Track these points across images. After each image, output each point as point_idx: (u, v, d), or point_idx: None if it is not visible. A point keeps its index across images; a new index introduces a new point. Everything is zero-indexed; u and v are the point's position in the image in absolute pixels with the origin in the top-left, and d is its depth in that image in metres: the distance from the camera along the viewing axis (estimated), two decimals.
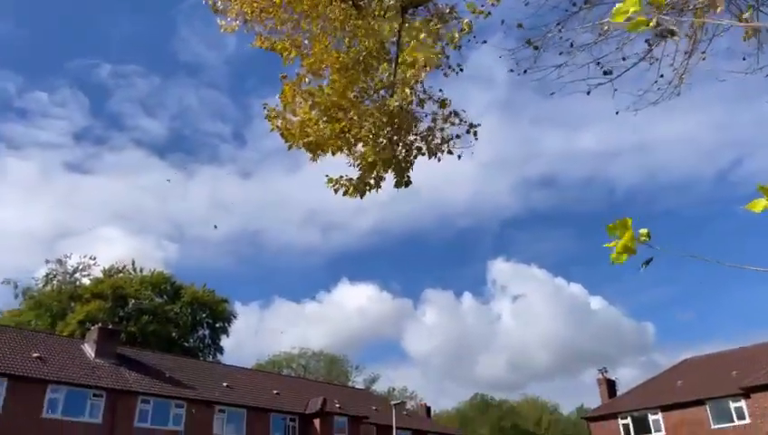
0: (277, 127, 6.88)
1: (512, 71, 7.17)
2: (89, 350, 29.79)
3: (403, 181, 6.47)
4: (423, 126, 6.12)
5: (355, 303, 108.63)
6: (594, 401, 42.75)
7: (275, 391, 34.91)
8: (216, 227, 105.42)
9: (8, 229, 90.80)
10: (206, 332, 56.14)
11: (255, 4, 6.81)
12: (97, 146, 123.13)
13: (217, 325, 56.52)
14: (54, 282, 51.05)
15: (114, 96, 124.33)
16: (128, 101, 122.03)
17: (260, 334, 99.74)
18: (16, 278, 53.07)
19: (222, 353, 56.13)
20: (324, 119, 6.69)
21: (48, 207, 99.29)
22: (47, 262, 52.77)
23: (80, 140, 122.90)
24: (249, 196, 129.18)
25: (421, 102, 6.03)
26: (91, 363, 28.50)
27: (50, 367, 26.27)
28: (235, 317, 58.08)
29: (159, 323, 49.85)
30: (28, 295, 50.54)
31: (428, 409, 46.47)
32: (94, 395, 26.22)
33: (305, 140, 6.14)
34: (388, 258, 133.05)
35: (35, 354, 26.85)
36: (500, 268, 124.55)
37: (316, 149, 6.22)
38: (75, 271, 51.87)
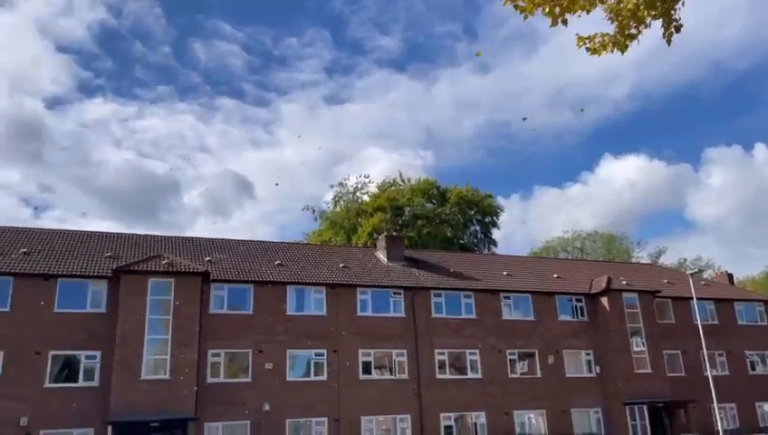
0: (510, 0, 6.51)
1: None
2: (381, 256, 33.61)
3: (671, 25, 5.63)
4: None
5: (623, 177, 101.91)
6: None
7: (555, 275, 35.25)
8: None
9: (291, 163, 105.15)
10: (477, 227, 58.68)
11: None
12: (346, 76, 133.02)
13: (486, 220, 58.58)
14: (341, 202, 58.04)
15: (351, 23, 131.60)
16: (362, 25, 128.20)
17: (527, 224, 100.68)
18: (313, 204, 61.89)
19: (496, 246, 58.38)
20: None
21: (319, 139, 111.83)
22: (331, 186, 60.25)
23: (331, 73, 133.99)
24: (491, 88, 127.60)
25: None
26: (386, 267, 32.16)
27: (355, 273, 30.41)
28: (501, 210, 59.44)
29: (433, 225, 53.59)
30: (324, 217, 58.50)
31: (730, 276, 42.28)
32: (394, 293, 29.70)
33: (550, 3, 5.70)
34: (653, 124, 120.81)
35: (341, 265, 31.24)
36: None
37: (562, 10, 5.74)
38: (355, 190, 58.14)
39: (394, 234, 37.04)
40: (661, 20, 5.65)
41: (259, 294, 27.32)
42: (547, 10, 5.70)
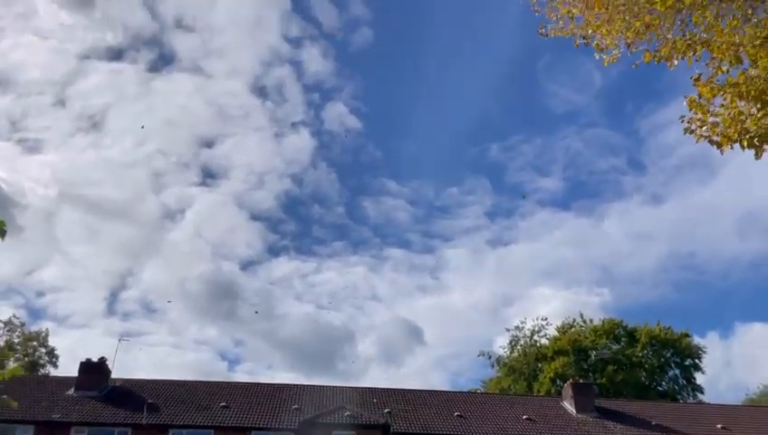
0: (703, 136, 6.21)
1: None
2: (568, 406, 30.90)
3: None
4: None
5: None
6: None
7: None
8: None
9: (460, 308, 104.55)
10: (677, 371, 52.19)
11: (638, 22, 6.51)
12: (509, 218, 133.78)
13: (686, 363, 52.06)
14: (518, 347, 55.59)
15: (509, 169, 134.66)
16: (521, 170, 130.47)
17: (732, 366, 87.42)
18: (489, 350, 60.13)
19: (702, 393, 51.07)
20: (758, 105, 5.75)
21: (485, 281, 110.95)
22: (507, 330, 58.25)
23: (493, 217, 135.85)
24: (668, 218, 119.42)
25: None
26: (576, 419, 29.38)
27: (541, 428, 28.11)
28: (704, 351, 52.68)
29: (625, 370, 48.74)
30: (501, 363, 56.14)
31: None
32: None
33: (747, 137, 5.34)
34: None
35: (525, 416, 29.18)
36: None
37: (763, 141, 5.33)
38: (533, 333, 55.59)
39: (581, 381, 34.11)
40: None
41: None
42: (746, 143, 5.33)
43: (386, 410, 28.55)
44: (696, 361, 52.02)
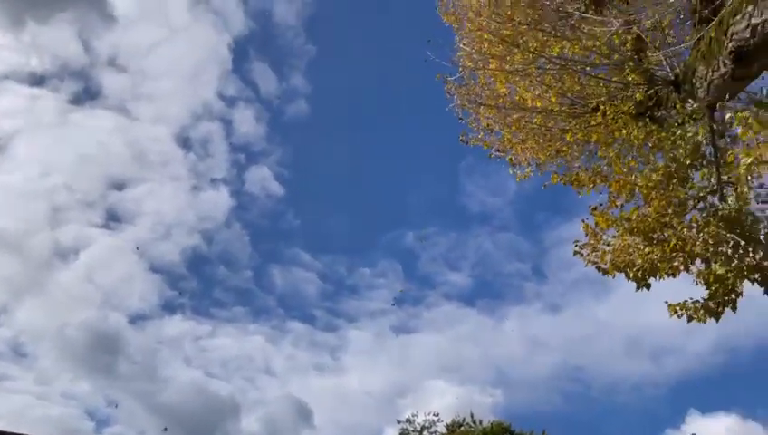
0: (591, 262, 6.62)
1: None
2: None
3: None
4: None
5: None
6: None
7: None
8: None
9: (355, 393, 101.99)
10: None
11: (550, 147, 7.00)
12: (415, 307, 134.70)
13: None
14: None
15: (421, 258, 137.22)
16: (432, 260, 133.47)
17: None
18: None
19: None
20: (645, 242, 6.24)
21: (384, 367, 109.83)
22: (398, 422, 57.20)
23: (400, 303, 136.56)
24: (562, 329, 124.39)
25: (763, 200, 5.23)
26: None
27: None
28: None
29: None
30: None
31: None
32: None
33: (633, 269, 5.74)
34: (744, 379, 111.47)
35: None
36: None
37: (647, 275, 5.75)
38: (423, 429, 54.78)
39: None
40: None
41: None
42: (631, 275, 5.72)
43: None
44: None
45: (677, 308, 5.48)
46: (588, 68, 6.39)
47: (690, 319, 5.36)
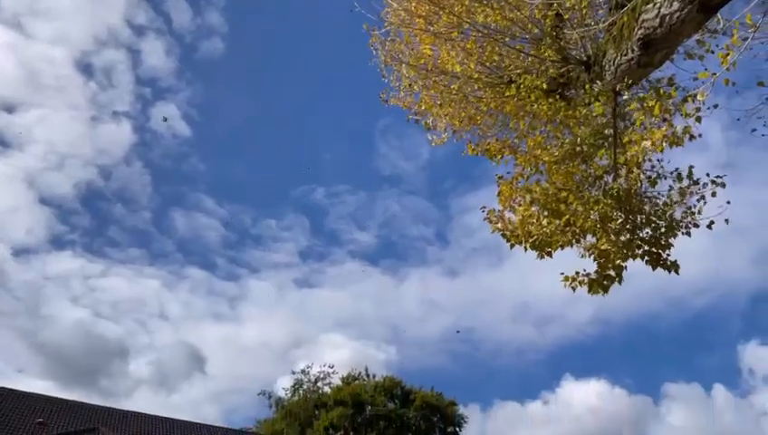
0: (498, 228, 6.85)
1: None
2: None
3: (660, 264, 5.86)
4: (659, 202, 5.63)
5: (584, 402, 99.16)
6: None
7: None
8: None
9: (251, 343, 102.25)
10: None
11: (464, 113, 7.10)
12: (320, 262, 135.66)
13: (449, 430, 55.79)
14: (300, 391, 55.38)
15: (330, 214, 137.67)
16: (341, 218, 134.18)
17: None
18: (270, 390, 59.02)
19: None
20: (545, 214, 6.52)
21: (282, 320, 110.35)
22: (293, 372, 57.82)
23: (305, 257, 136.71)
24: (458, 293, 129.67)
25: (652, 181, 5.59)
26: None
27: None
28: (465, 421, 56.94)
29: (395, 428, 50.79)
30: (280, 405, 55.34)
31: None
32: None
33: (531, 240, 6.00)
34: (615, 350, 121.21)
35: None
36: (756, 354, 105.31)
37: (543, 246, 6.03)
38: (318, 380, 55.83)
39: (351, 434, 34.83)
40: (647, 259, 5.87)
41: None
42: (528, 245, 5.97)
43: None
44: (458, 429, 56.00)
45: (571, 279, 5.79)
46: (508, 39, 6.48)
47: (584, 290, 5.70)
